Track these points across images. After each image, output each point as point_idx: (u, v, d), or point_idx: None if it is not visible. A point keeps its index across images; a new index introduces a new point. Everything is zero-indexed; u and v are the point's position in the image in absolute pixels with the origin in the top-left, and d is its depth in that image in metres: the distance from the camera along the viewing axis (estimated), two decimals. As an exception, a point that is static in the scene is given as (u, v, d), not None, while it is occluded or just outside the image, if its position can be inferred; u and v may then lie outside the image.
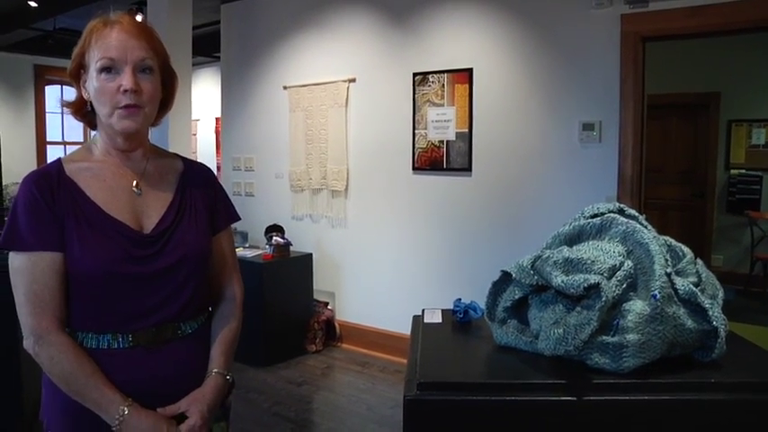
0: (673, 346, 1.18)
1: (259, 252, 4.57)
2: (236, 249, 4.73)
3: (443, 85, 4.11)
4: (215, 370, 1.38)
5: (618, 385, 1.14)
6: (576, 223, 1.34)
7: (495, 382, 1.18)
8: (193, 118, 6.86)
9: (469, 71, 4.00)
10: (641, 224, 1.28)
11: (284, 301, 4.43)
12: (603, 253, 1.23)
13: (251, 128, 5.25)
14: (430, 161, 4.20)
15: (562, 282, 1.18)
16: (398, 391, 3.74)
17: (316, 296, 4.75)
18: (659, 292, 1.14)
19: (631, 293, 1.21)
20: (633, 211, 1.34)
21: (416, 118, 4.24)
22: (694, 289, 1.19)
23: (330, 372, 4.28)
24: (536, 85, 3.78)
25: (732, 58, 6.10)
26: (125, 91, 1.27)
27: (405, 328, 4.47)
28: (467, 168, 4.04)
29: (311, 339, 4.59)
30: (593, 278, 1.15)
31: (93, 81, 1.29)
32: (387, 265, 4.48)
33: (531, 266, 1.29)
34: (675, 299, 1.17)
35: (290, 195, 4.98)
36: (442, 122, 4.12)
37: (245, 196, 5.30)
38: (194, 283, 1.38)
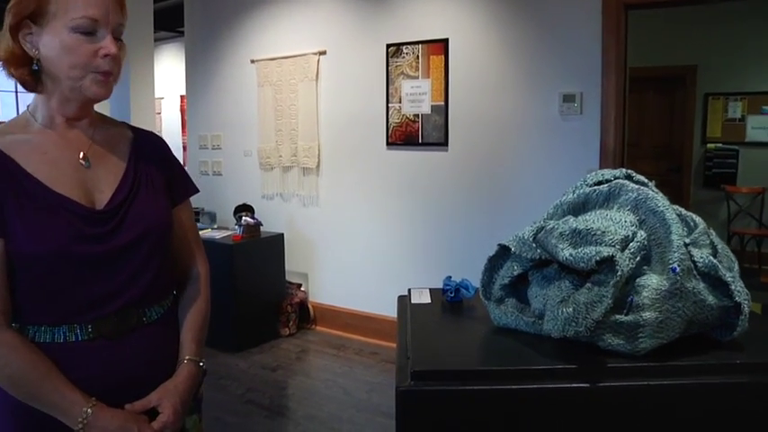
0: (690, 324, 1.07)
1: (228, 233, 4.45)
2: (204, 231, 4.53)
3: (418, 56, 3.99)
4: (187, 357, 1.28)
5: (634, 369, 1.03)
6: (581, 191, 1.22)
7: (497, 369, 1.06)
8: (157, 96, 6.68)
9: (445, 42, 3.89)
10: (653, 191, 1.17)
11: (255, 283, 4.33)
12: (614, 223, 1.11)
13: (218, 104, 5.10)
14: (404, 136, 4.11)
15: (570, 255, 1.07)
16: (375, 374, 3.73)
17: (288, 278, 4.67)
18: (678, 265, 1.03)
19: (645, 267, 1.09)
20: (642, 177, 1.22)
21: (390, 91, 4.13)
22: (714, 261, 1.08)
23: (305, 355, 4.20)
24: (514, 56, 3.68)
25: (708, 30, 6.07)
26: (106, 56, 1.15)
27: (380, 309, 4.45)
28: (443, 143, 3.96)
29: (284, 322, 4.51)
30: (606, 250, 1.03)
31: (57, 37, 1.13)
32: (361, 244, 4.40)
33: (534, 239, 1.17)
34: (695, 272, 1.06)
35: (259, 174, 4.86)
36: (417, 95, 4.02)
37: (213, 175, 5.17)
38: (158, 261, 1.27)
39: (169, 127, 6.85)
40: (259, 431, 3.11)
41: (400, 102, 4.09)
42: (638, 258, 1.08)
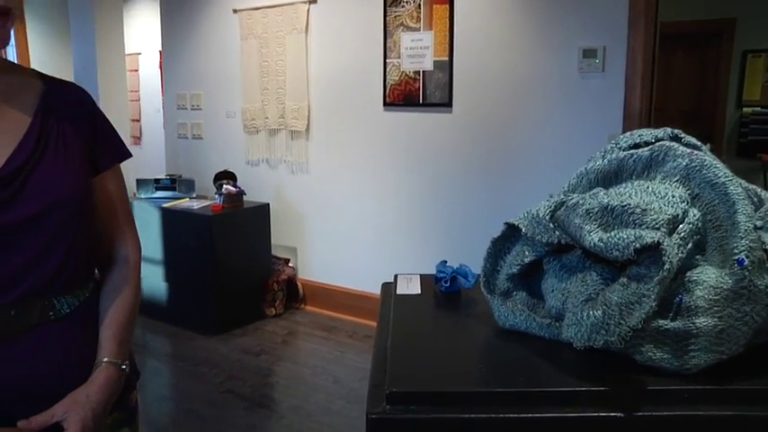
0: (758, 333, 0.86)
1: (207, 203, 4.32)
2: (182, 201, 4.26)
3: (419, 5, 3.81)
4: (105, 359, 1.12)
5: (682, 393, 0.83)
6: (612, 156, 1.01)
7: (501, 392, 0.85)
8: (133, 51, 6.48)
9: (450, -12, 3.71)
10: (709, 157, 0.95)
11: (238, 258, 4.21)
12: (658, 198, 0.90)
13: (197, 59, 4.93)
14: (404, 95, 3.95)
15: (600, 241, 0.86)
16: (368, 360, 3.50)
17: (274, 252, 4.56)
18: (747, 256, 0.82)
19: (698, 257, 0.89)
20: (693, 139, 1.00)
21: (388, 45, 3.96)
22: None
23: (292, 339, 4.08)
24: (528, 5, 3.49)
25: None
26: None
27: (376, 288, 4.22)
28: (447, 103, 3.80)
29: (270, 302, 4.39)
30: (649, 235, 0.82)
31: None
32: (355, 216, 4.28)
33: (551, 217, 0.96)
34: None
35: (243, 137, 4.73)
36: (418, 50, 3.85)
37: (193, 139, 5.03)
38: (69, 240, 1.10)
39: (148, 86, 6.61)
40: (237, 425, 2.97)
41: (399, 57, 3.92)
42: (690, 245, 0.87)
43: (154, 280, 4.30)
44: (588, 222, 0.89)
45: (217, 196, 4.24)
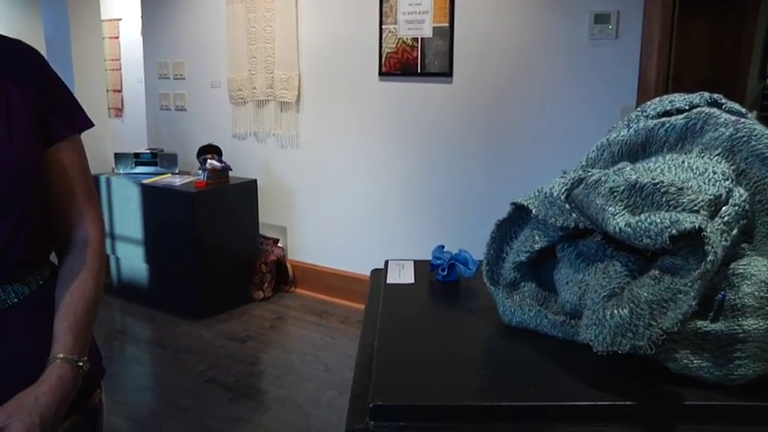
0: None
1: (190, 179, 4.24)
2: (163, 176, 4.21)
3: None
4: (59, 355, 1.04)
5: (725, 410, 0.72)
6: (639, 125, 0.89)
7: (505, 406, 0.74)
8: (114, 17, 6.33)
9: (452, -54, 3.62)
10: (759, 127, 0.83)
11: (223, 238, 4.15)
12: (696, 175, 0.79)
13: (180, 25, 4.83)
14: (401, 64, 3.88)
15: (627, 225, 0.74)
16: (362, 348, 3.53)
17: (262, 232, 4.52)
18: (806, 245, 0.71)
19: (745, 246, 0.78)
20: (736, 105, 0.89)
21: (384, 10, 3.87)
22: None
23: (281, 324, 4.03)
24: None
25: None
26: None
27: (370, 270, 4.18)
28: (447, 73, 3.73)
29: (258, 285, 4.37)
30: (689, 219, 0.71)
31: None
32: (349, 193, 4.24)
33: (567, 197, 0.84)
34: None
35: (229, 109, 4.66)
36: (417, 15, 3.77)
37: (176, 111, 4.95)
38: (13, 220, 1.03)
39: (130, 53, 6.45)
40: (220, 417, 2.91)
41: (396, 23, 3.84)
42: (736, 232, 0.76)
43: (133, 261, 4.24)
44: (613, 203, 0.78)
45: (200, 172, 4.17)
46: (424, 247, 1.27)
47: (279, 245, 4.55)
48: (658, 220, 0.72)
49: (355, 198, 4.22)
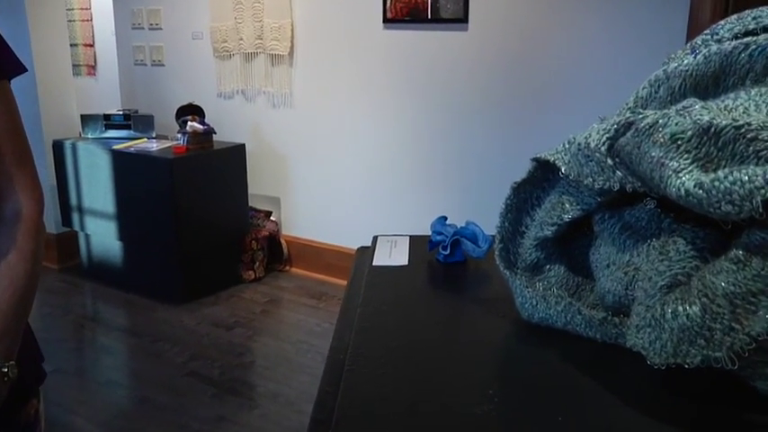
0: None
1: (168, 144, 4.23)
2: (138, 141, 4.15)
3: None
4: None
5: None
6: (711, 50, 0.73)
7: None
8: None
9: None
10: None
11: (208, 211, 4.14)
12: None
13: None
14: (408, 9, 3.85)
15: (697, 186, 0.60)
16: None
17: (252, 204, 4.57)
18: None
19: None
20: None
21: None
22: None
23: (273, 308, 4.05)
24: None
25: None
26: None
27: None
28: (461, 19, 3.70)
29: (248, 264, 4.41)
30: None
31: None
32: (350, 158, 4.25)
33: (608, 148, 0.70)
34: None
35: (213, 64, 4.66)
36: None
37: (152, 66, 4.94)
38: None
39: (102, 3, 6.44)
40: (201, 417, 2.88)
41: None
42: None
43: (105, 238, 4.23)
44: (676, 155, 0.63)
45: (180, 135, 4.16)
46: (433, 216, 1.15)
47: (271, 218, 4.58)
48: (745, 178, 0.57)
49: (358, 164, 4.24)
